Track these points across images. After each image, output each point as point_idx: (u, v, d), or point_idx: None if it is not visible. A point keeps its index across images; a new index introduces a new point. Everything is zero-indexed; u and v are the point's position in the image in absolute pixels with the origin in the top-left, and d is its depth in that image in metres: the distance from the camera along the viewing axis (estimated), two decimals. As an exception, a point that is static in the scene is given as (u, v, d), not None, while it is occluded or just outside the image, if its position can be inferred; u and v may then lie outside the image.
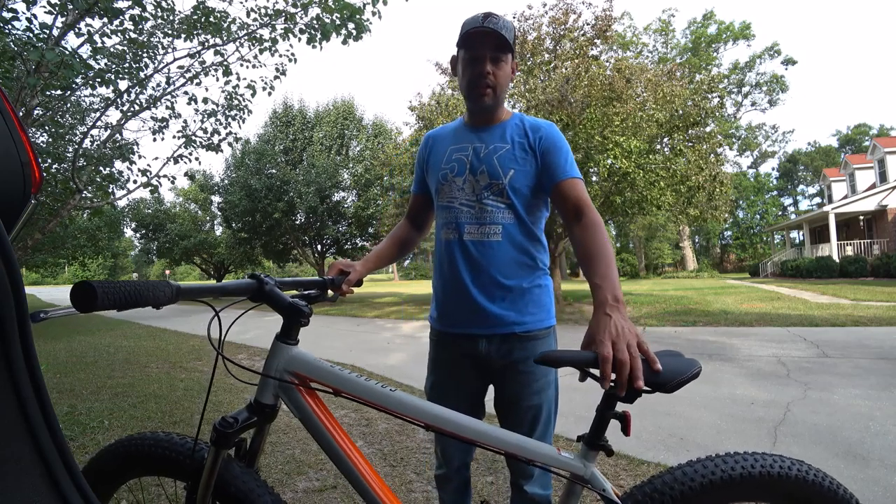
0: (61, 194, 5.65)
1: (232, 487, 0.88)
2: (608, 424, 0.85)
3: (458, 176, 1.26)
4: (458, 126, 1.36)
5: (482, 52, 1.19)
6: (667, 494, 0.83)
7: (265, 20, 4.55)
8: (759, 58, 36.27)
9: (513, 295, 1.21)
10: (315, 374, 0.93)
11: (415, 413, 0.89)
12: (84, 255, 15.90)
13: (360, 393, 0.90)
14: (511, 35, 1.20)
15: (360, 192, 16.87)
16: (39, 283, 51.79)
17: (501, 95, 1.25)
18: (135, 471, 1.00)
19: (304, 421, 0.92)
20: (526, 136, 1.25)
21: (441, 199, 1.30)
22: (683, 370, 0.81)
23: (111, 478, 1.01)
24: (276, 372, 0.92)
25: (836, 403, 3.42)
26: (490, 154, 1.24)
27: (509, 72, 1.25)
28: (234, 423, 0.86)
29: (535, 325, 1.23)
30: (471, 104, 1.28)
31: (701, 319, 8.28)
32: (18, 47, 3.64)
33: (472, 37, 1.19)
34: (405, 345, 6.84)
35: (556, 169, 1.21)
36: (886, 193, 18.46)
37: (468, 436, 0.88)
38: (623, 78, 9.74)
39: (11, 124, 0.68)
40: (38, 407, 0.55)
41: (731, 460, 0.85)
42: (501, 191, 1.22)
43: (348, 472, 0.91)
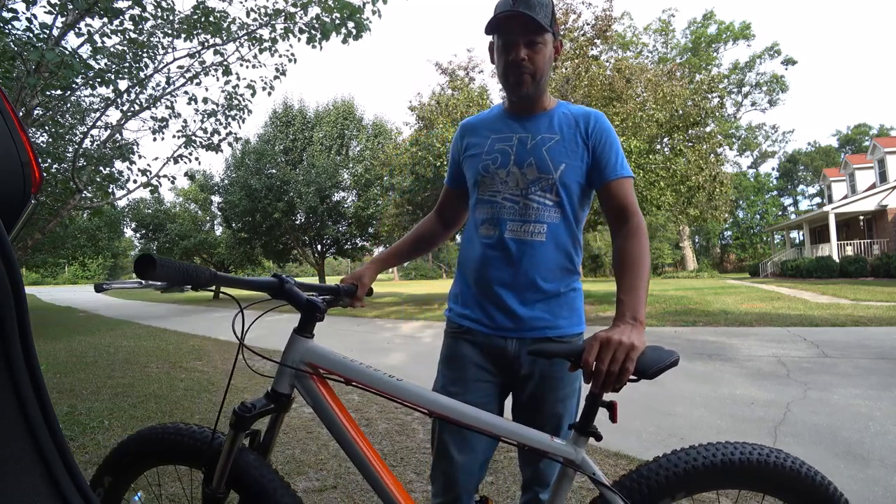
0: (61, 194, 5.65)
1: (246, 475, 0.92)
2: (597, 412, 0.91)
3: (501, 168, 1.16)
4: (499, 113, 1.25)
5: (514, 38, 1.08)
6: (652, 479, 0.89)
7: (265, 20, 4.55)
8: (759, 58, 36.30)
9: (549, 299, 1.14)
10: (328, 365, 0.97)
11: (418, 400, 0.94)
12: (84, 255, 15.90)
13: (369, 382, 0.95)
14: (547, 12, 1.08)
15: (360, 192, 16.88)
16: (39, 283, 51.76)
17: (543, 81, 1.14)
18: (154, 460, 1.03)
19: (316, 409, 0.96)
20: (577, 126, 1.15)
21: (482, 193, 1.20)
22: (662, 359, 0.88)
23: (131, 467, 1.04)
24: (293, 362, 0.97)
25: (836, 403, 3.42)
26: (538, 145, 1.14)
27: (550, 54, 1.13)
28: (252, 409, 0.92)
29: (569, 329, 1.16)
30: (509, 94, 1.19)
31: (701, 319, 8.28)
32: (18, 47, 3.64)
33: (501, 22, 1.08)
34: (405, 345, 6.84)
35: (608, 166, 1.13)
36: (886, 193, 18.46)
37: (467, 422, 0.92)
38: (623, 78, 9.75)
39: (11, 124, 0.68)
40: (38, 407, 0.55)
41: (712, 448, 0.90)
42: (551, 186, 1.13)
43: (357, 459, 0.94)
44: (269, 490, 0.91)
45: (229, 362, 5.68)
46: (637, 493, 0.89)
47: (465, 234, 1.27)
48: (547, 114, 1.19)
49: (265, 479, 0.92)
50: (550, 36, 1.11)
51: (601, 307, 11.04)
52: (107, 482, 1.04)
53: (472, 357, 1.18)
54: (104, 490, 1.04)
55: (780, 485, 0.89)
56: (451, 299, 1.28)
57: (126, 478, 1.05)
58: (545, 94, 1.19)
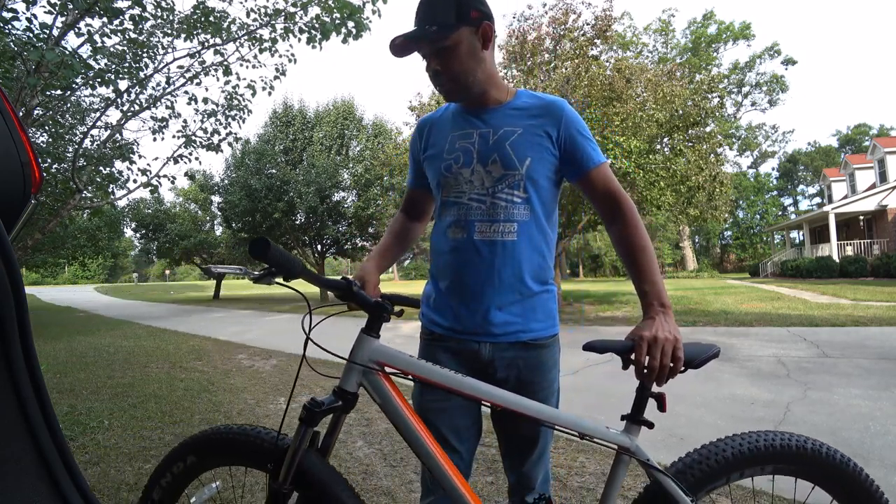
0: (61, 194, 5.65)
1: (310, 475, 0.94)
2: (647, 403, 0.99)
3: (465, 167, 1.11)
4: (457, 109, 1.19)
5: (423, 51, 1.07)
6: (703, 463, 0.97)
7: (265, 20, 4.55)
8: (759, 58, 36.30)
9: (523, 300, 1.11)
10: (397, 363, 1.00)
11: (480, 394, 0.97)
12: (84, 255, 15.90)
13: (437, 378, 0.98)
14: (447, 11, 1.02)
15: (360, 192, 16.85)
16: (39, 283, 51.74)
17: (472, 78, 1.07)
18: (217, 460, 1.03)
19: (384, 406, 0.99)
20: (540, 117, 1.10)
21: (447, 195, 1.15)
22: (706, 350, 0.99)
23: (193, 467, 1.03)
24: (362, 360, 1.00)
25: (836, 403, 3.42)
26: (501, 140, 1.09)
27: (471, 47, 1.05)
28: (321, 405, 0.96)
29: (543, 332, 1.14)
30: (449, 101, 1.17)
31: (701, 319, 8.28)
32: (18, 47, 3.64)
33: (401, 46, 1.06)
34: (405, 345, 6.82)
35: (584, 156, 1.08)
36: (886, 193, 18.46)
37: (530, 413, 0.97)
38: (623, 78, 9.74)
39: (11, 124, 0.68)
40: (38, 407, 0.55)
41: (755, 436, 1.00)
42: (519, 183, 1.08)
43: (425, 455, 0.97)
44: (333, 491, 0.93)
45: (229, 362, 5.68)
46: (688, 477, 0.97)
47: (434, 237, 1.22)
48: (506, 106, 1.13)
49: (330, 479, 0.94)
50: (464, 30, 1.04)
51: (601, 307, 11.04)
52: (164, 483, 1.04)
53: (446, 363, 1.12)
54: (161, 489, 1.04)
55: (817, 470, 1.00)
56: (423, 301, 1.24)
57: (185, 478, 1.04)
58: (494, 86, 1.13)
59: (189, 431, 3.08)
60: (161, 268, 51.74)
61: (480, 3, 1.06)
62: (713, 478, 0.97)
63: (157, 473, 1.05)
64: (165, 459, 1.04)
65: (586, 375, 4.57)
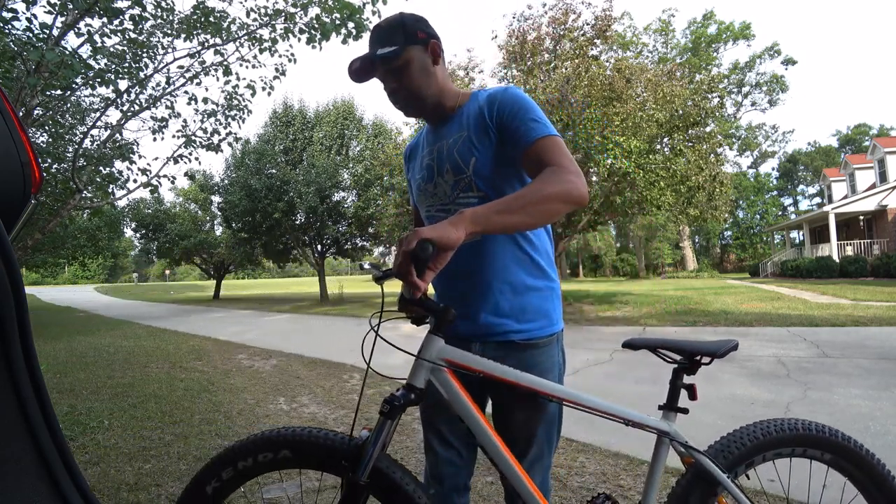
0: (61, 194, 5.65)
1: (380, 469, 0.98)
2: (680, 393, 1.11)
3: (428, 182, 1.18)
4: (426, 130, 1.26)
5: (379, 74, 1.12)
6: (738, 444, 1.09)
7: (265, 20, 4.55)
8: (759, 58, 36.29)
9: (510, 299, 1.11)
10: (464, 360, 1.03)
11: (541, 387, 1.02)
12: (84, 255, 15.90)
13: (500, 374, 1.02)
14: (397, 34, 1.08)
15: (360, 192, 16.84)
16: (39, 283, 51.74)
17: (426, 93, 1.12)
18: (301, 460, 1.01)
19: (452, 400, 1.02)
20: (481, 113, 1.10)
21: (422, 210, 1.24)
22: (727, 343, 1.12)
23: (254, 466, 1.01)
24: (430, 357, 1.03)
25: (836, 403, 3.42)
26: (450, 148, 1.13)
27: (422, 62, 1.10)
28: (400, 398, 0.99)
29: (536, 332, 1.12)
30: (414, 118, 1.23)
31: (701, 319, 8.28)
32: (18, 47, 3.64)
33: (358, 72, 1.12)
34: (405, 345, 6.81)
35: (519, 137, 1.04)
36: (886, 193, 18.46)
37: (586, 404, 1.03)
38: (623, 78, 9.74)
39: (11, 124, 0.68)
40: (38, 407, 0.55)
41: (786, 421, 1.12)
42: (469, 184, 1.10)
43: (491, 448, 1.00)
44: (404, 484, 0.98)
45: (229, 362, 5.68)
46: (725, 456, 1.08)
47: None
48: (457, 114, 1.16)
49: (401, 473, 0.99)
50: (415, 49, 1.09)
51: (601, 307, 11.03)
52: (241, 466, 1.01)
53: None
54: (235, 472, 1.01)
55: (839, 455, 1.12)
56: None
57: (260, 470, 1.02)
58: (445, 96, 1.16)
59: (189, 431, 3.08)
60: (161, 268, 51.73)
61: (426, 26, 1.14)
62: (747, 456, 1.09)
63: (237, 453, 1.01)
64: (250, 445, 1.01)
65: (586, 375, 4.57)
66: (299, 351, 6.39)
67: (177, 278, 64.81)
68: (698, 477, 1.07)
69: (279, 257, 19.75)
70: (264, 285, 41.41)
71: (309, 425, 1.06)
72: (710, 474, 1.05)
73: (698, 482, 1.07)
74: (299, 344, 7.10)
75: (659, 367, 1.18)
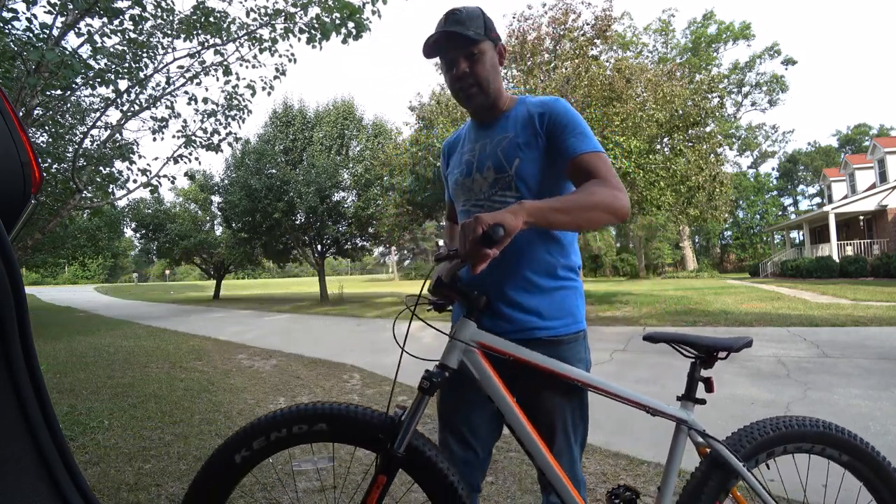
0: (61, 194, 5.65)
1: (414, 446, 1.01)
2: (697, 384, 1.17)
3: (467, 178, 1.23)
4: (468, 127, 1.32)
5: (453, 54, 1.15)
6: (755, 436, 1.14)
7: (265, 20, 4.55)
8: (759, 58, 36.27)
9: (534, 297, 1.16)
10: (495, 343, 1.08)
11: (569, 373, 1.08)
12: (84, 255, 15.89)
13: (529, 358, 1.08)
14: (479, 23, 1.14)
15: (360, 192, 16.84)
16: (39, 283, 51.73)
17: (491, 87, 1.18)
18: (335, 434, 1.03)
19: (482, 381, 1.06)
20: (530, 118, 1.16)
21: (458, 204, 1.29)
22: (742, 339, 1.18)
23: (309, 436, 1.02)
24: (464, 339, 1.07)
25: (836, 403, 3.42)
26: (495, 147, 1.19)
27: (493, 59, 1.17)
28: (436, 375, 1.03)
29: (560, 329, 1.17)
30: (464, 106, 1.24)
31: (701, 319, 8.28)
32: (18, 47, 3.64)
33: (436, 43, 1.14)
34: (405, 345, 6.82)
35: (566, 148, 1.11)
36: (886, 193, 18.46)
37: (612, 391, 1.09)
38: (623, 78, 9.75)
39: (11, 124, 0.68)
40: (38, 407, 0.55)
41: (804, 419, 1.17)
42: (509, 183, 1.16)
43: (519, 429, 1.05)
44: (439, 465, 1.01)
45: (229, 362, 5.68)
46: (741, 446, 1.12)
47: None
48: (504, 115, 1.22)
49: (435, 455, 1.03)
50: (489, 43, 1.16)
51: (601, 307, 11.03)
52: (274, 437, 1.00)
53: None
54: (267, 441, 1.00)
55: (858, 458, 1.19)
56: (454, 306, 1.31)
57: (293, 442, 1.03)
58: (500, 97, 1.22)
59: (189, 431, 3.08)
60: (161, 268, 51.73)
61: (495, 28, 1.21)
62: (763, 448, 1.14)
63: (271, 424, 1.00)
64: (286, 416, 1.01)
65: (586, 375, 4.57)
66: (299, 351, 6.39)
67: (177, 278, 64.84)
68: (714, 465, 1.10)
69: (279, 257, 19.74)
70: (264, 285, 41.41)
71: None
72: (727, 462, 1.09)
73: (714, 470, 1.10)
74: (299, 344, 7.10)
75: (658, 366, 1.20)
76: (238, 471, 1.00)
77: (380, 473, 0.98)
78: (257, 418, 1.03)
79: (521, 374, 1.13)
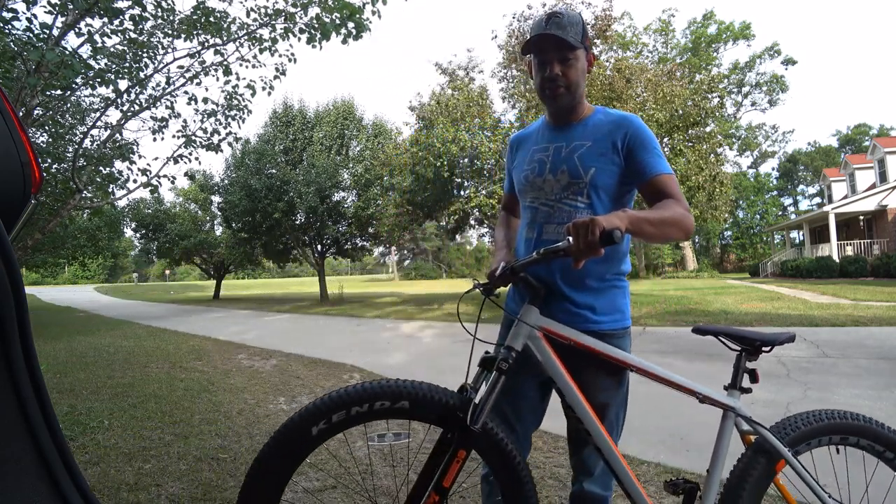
0: (61, 194, 5.65)
1: (491, 431, 1.06)
2: (743, 374, 1.27)
3: (538, 176, 1.28)
4: (541, 126, 1.37)
5: (548, 56, 1.21)
6: (800, 424, 1.21)
7: (265, 20, 4.55)
8: (759, 58, 36.25)
9: (586, 294, 1.24)
10: (559, 330, 1.15)
11: (624, 358, 1.16)
12: (84, 255, 15.89)
13: (590, 344, 1.15)
14: (577, 30, 1.20)
15: (360, 192, 16.83)
16: (39, 283, 51.71)
17: (577, 93, 1.25)
18: (415, 412, 1.05)
19: (546, 364, 1.13)
20: (610, 132, 1.22)
21: (524, 199, 1.34)
22: (784, 335, 1.25)
23: (389, 412, 1.04)
24: (529, 322, 1.14)
25: (836, 403, 3.42)
26: (571, 152, 1.24)
27: (583, 66, 1.24)
28: (508, 358, 1.09)
29: (611, 325, 1.25)
30: (547, 105, 1.30)
31: (701, 319, 8.27)
32: (18, 47, 3.64)
33: (536, 42, 1.20)
34: (406, 345, 6.83)
35: (643, 168, 1.19)
36: (886, 193, 18.45)
37: (663, 376, 1.17)
38: (623, 78, 9.75)
39: (11, 124, 0.68)
40: (38, 407, 0.55)
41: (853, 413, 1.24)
42: (582, 190, 1.22)
43: (579, 407, 1.12)
44: (508, 447, 1.08)
45: (229, 362, 5.68)
46: (786, 433, 1.20)
47: (517, 234, 1.42)
48: (582, 122, 1.28)
49: (506, 436, 1.08)
50: (582, 51, 1.22)
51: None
52: (355, 411, 1.00)
53: None
54: (346, 415, 1.00)
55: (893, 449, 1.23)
56: (508, 297, 1.41)
57: (372, 417, 1.04)
58: (581, 103, 1.29)
59: (189, 431, 3.08)
60: (161, 268, 51.72)
61: (589, 36, 1.29)
62: (807, 438, 1.21)
63: (353, 398, 1.00)
64: (369, 391, 1.01)
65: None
66: (299, 351, 6.39)
67: (177, 278, 64.81)
68: (760, 450, 1.17)
69: (279, 257, 19.74)
70: (264, 285, 41.41)
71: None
72: (773, 448, 1.15)
73: (760, 456, 1.16)
74: (299, 344, 7.10)
75: (661, 366, 1.20)
76: (313, 442, 1.00)
77: (459, 448, 1.02)
78: (336, 391, 1.03)
79: (575, 360, 1.19)
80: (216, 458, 2.63)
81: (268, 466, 0.98)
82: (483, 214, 12.76)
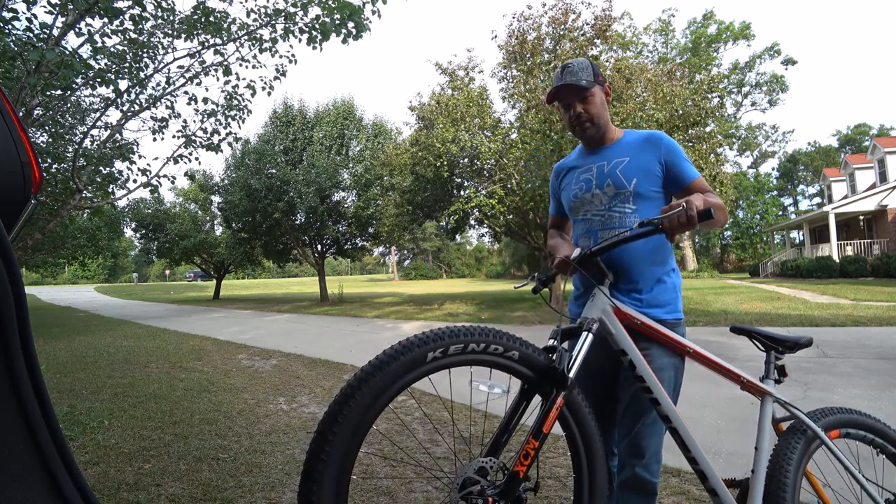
0: (61, 194, 5.65)
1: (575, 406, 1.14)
2: (773, 368, 1.49)
3: (587, 192, 1.48)
4: (579, 153, 1.60)
5: (569, 100, 1.45)
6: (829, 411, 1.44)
7: (265, 20, 4.55)
8: (759, 58, 36.24)
9: (640, 289, 1.40)
10: (627, 309, 1.28)
11: (687, 343, 1.32)
12: (84, 255, 15.88)
13: (655, 326, 1.30)
14: (589, 72, 1.42)
15: (360, 192, 16.84)
16: (39, 283, 51.72)
17: (601, 121, 1.46)
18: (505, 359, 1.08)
19: (618, 338, 1.24)
20: (646, 146, 1.44)
21: (576, 214, 1.54)
22: (803, 338, 1.50)
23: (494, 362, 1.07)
24: (604, 298, 1.26)
25: (836, 403, 3.41)
26: (613, 169, 1.45)
27: (601, 99, 1.46)
28: (594, 322, 1.21)
29: (662, 315, 1.40)
30: (580, 139, 1.54)
31: (701, 319, 8.27)
32: (18, 47, 3.64)
33: (556, 93, 1.45)
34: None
35: (682, 174, 1.42)
36: (886, 193, 18.45)
37: (718, 363, 1.36)
38: (623, 78, 9.75)
39: (11, 124, 0.68)
40: (38, 407, 0.55)
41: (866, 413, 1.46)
42: (628, 198, 1.42)
43: (649, 378, 1.22)
44: (586, 408, 1.15)
45: (229, 362, 5.68)
46: (819, 417, 1.38)
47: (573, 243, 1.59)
48: (616, 143, 1.50)
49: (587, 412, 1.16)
50: (597, 87, 1.44)
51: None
52: (453, 349, 1.00)
53: None
54: (442, 355, 0.99)
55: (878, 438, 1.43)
56: (571, 301, 1.59)
57: (467, 358, 1.03)
58: (609, 129, 1.50)
59: (189, 431, 3.09)
60: (161, 268, 51.71)
61: (601, 72, 1.52)
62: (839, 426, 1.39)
63: (473, 335, 1.01)
64: (490, 333, 1.04)
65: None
66: (299, 351, 6.39)
67: (177, 278, 64.79)
68: (795, 431, 1.34)
69: (279, 257, 19.74)
70: (264, 285, 41.41)
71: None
72: (808, 428, 1.33)
73: (795, 435, 1.33)
74: (299, 344, 7.10)
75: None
76: (426, 369, 0.98)
77: (559, 397, 1.09)
78: (457, 325, 1.04)
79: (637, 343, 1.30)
80: (216, 458, 2.63)
81: (373, 381, 0.94)
82: (483, 214, 12.76)
